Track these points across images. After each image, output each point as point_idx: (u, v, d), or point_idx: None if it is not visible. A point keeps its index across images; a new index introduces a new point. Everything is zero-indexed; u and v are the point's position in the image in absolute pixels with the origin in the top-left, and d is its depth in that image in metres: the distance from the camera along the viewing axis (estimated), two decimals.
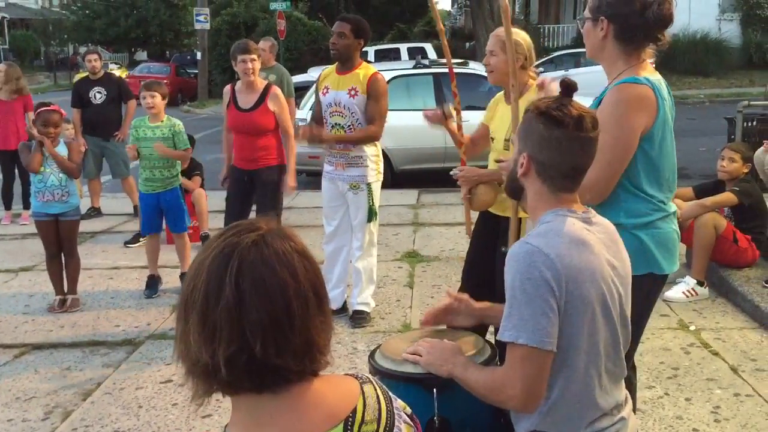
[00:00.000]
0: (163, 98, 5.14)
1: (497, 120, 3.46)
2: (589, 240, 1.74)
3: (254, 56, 4.83)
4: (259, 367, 1.05)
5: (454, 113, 3.48)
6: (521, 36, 3.39)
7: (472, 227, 3.60)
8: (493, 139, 3.46)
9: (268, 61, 7.09)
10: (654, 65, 2.46)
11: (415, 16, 38.53)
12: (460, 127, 3.50)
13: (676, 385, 3.69)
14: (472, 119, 9.05)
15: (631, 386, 2.64)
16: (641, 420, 3.32)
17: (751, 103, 6.00)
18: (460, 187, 3.46)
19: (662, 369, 3.88)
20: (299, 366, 1.09)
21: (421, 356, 1.90)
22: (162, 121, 5.15)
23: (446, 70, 10.13)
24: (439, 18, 3.67)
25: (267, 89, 4.92)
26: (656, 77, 2.34)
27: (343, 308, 4.76)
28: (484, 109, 10.17)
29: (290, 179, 4.97)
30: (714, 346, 4.15)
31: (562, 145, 1.74)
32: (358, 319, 4.60)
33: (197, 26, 23.33)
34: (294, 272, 1.08)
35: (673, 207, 2.44)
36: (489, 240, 3.45)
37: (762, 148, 5.55)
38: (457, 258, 5.94)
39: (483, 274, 3.44)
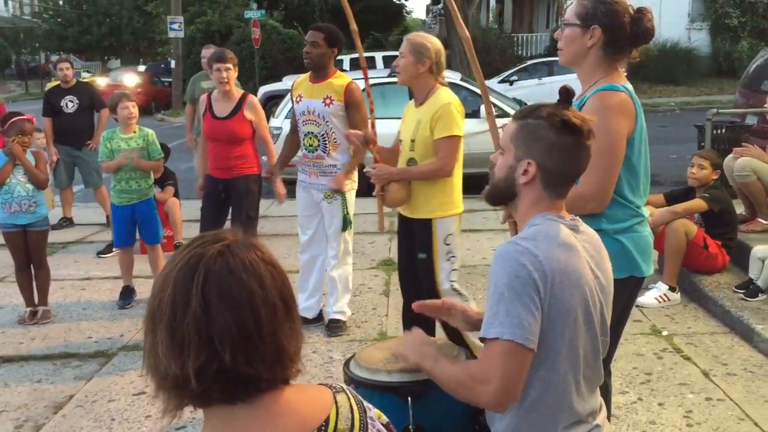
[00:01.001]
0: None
1: (405, 123, 3.64)
2: (576, 245, 1.75)
3: (229, 65, 4.81)
4: (230, 377, 1.05)
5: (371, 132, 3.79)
6: (430, 41, 3.54)
7: (385, 223, 3.99)
8: (401, 141, 3.62)
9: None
10: (625, 73, 2.51)
11: (390, 25, 38.72)
12: (373, 125, 3.86)
13: (649, 390, 3.73)
14: None
15: (607, 391, 2.67)
16: (615, 426, 3.34)
17: (720, 111, 6.11)
18: None
19: (635, 374, 3.91)
20: (270, 374, 1.08)
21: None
22: (135, 132, 5.11)
23: None
24: (352, 18, 3.78)
25: (243, 98, 4.90)
26: (630, 85, 2.40)
27: (319, 317, 4.74)
28: None
29: (279, 188, 4.95)
30: (686, 351, 4.20)
31: (572, 152, 1.76)
32: (334, 327, 4.59)
33: (171, 34, 23.18)
34: (261, 280, 1.08)
35: (646, 212, 2.49)
36: (406, 244, 3.68)
37: (731, 155, 5.66)
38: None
39: (410, 277, 3.67)
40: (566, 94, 1.80)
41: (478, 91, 9.95)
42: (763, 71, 9.33)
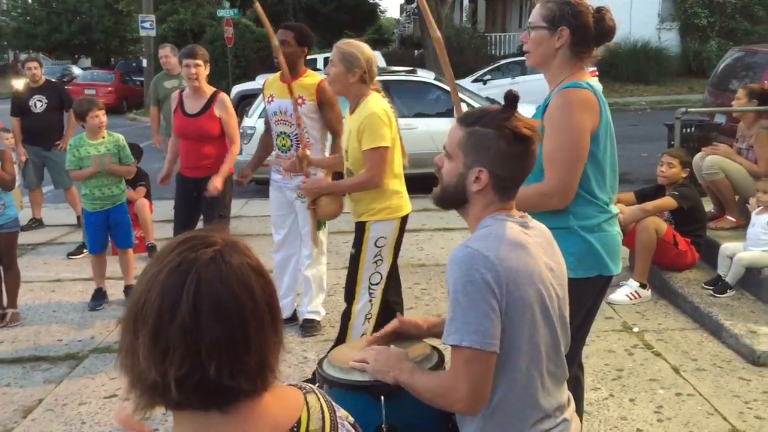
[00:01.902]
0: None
1: (345, 132, 3.60)
2: (527, 243, 1.77)
3: (199, 61, 4.77)
4: (211, 388, 1.04)
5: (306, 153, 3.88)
6: (360, 49, 3.48)
7: (319, 235, 4.08)
8: (346, 151, 3.57)
9: (174, 68, 6.94)
10: (597, 73, 2.56)
11: (364, 24, 38.71)
12: (305, 145, 3.93)
13: (621, 386, 3.78)
14: (421, 126, 9.22)
15: (580, 386, 2.69)
16: (587, 422, 3.37)
17: (689, 110, 6.20)
18: (412, 195, 3.69)
19: (607, 371, 3.96)
20: (251, 386, 1.08)
21: (368, 363, 1.91)
22: (104, 137, 5.03)
23: (396, 78, 10.21)
24: (266, 21, 3.82)
25: (214, 95, 4.87)
26: (595, 82, 2.43)
27: (293, 317, 4.73)
28: (432, 116, 10.25)
29: (218, 180, 4.73)
30: (656, 347, 4.26)
31: (523, 158, 1.78)
32: (309, 327, 4.58)
33: (142, 33, 22.93)
34: (251, 293, 1.07)
35: (615, 209, 2.52)
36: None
37: (700, 153, 5.74)
38: (407, 265, 5.96)
39: None
40: (512, 99, 1.80)
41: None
42: (731, 71, 9.50)
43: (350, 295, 3.60)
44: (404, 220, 3.60)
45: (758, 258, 4.72)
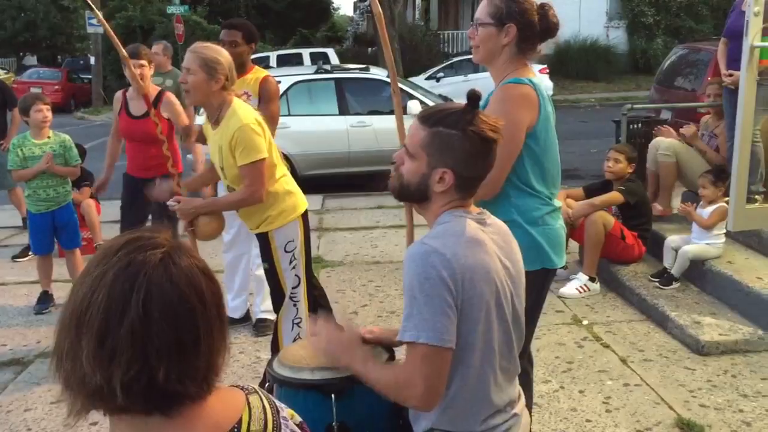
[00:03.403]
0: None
1: (210, 145, 3.35)
2: (484, 240, 1.79)
3: (144, 62, 4.68)
4: (157, 392, 1.02)
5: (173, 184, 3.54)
6: (221, 53, 3.22)
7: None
8: (221, 168, 3.36)
9: (163, 66, 6.85)
10: (548, 71, 2.61)
11: (317, 22, 38.54)
12: (178, 160, 3.61)
13: (571, 378, 3.84)
14: (375, 123, 9.21)
15: (528, 380, 2.73)
16: (538, 414, 3.43)
17: (634, 106, 6.32)
18: (365, 192, 3.55)
19: (557, 363, 4.02)
20: (197, 390, 1.06)
21: (320, 343, 1.91)
22: (49, 137, 4.90)
23: (349, 75, 10.19)
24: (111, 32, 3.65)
25: (159, 96, 4.78)
26: (537, 78, 2.47)
27: (246, 317, 4.69)
28: (386, 113, 10.22)
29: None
30: (605, 339, 4.34)
31: (486, 158, 1.80)
32: (262, 327, 4.55)
33: (90, 30, 22.48)
34: (201, 295, 1.06)
35: (557, 202, 2.56)
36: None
37: (659, 137, 5.82)
38: (361, 262, 5.97)
39: None
40: (474, 98, 1.81)
41: (405, 87, 10.01)
42: (676, 68, 9.75)
43: (278, 306, 3.51)
44: (305, 215, 3.49)
45: (702, 250, 4.85)
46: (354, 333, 1.94)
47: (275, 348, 3.54)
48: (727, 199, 4.63)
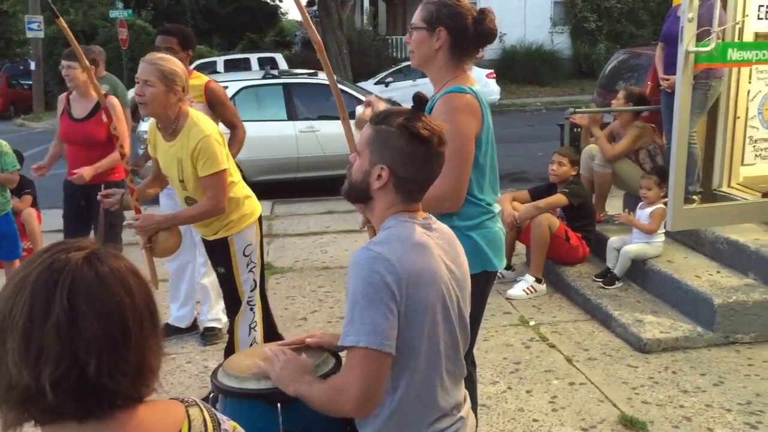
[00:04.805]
0: None
1: (162, 156, 3.31)
2: (429, 244, 1.80)
3: (73, 63, 4.57)
4: (89, 389, 1.00)
5: (131, 203, 3.43)
6: (178, 65, 3.17)
7: (157, 277, 3.53)
8: (167, 176, 3.35)
9: (98, 71, 6.70)
10: (495, 76, 2.64)
11: (266, 26, 38.27)
12: (133, 191, 3.43)
13: (518, 379, 3.90)
14: (323, 129, 9.19)
15: (472, 382, 2.76)
16: (486, 415, 3.47)
17: (576, 110, 6.46)
18: (316, 197, 3.56)
19: (505, 364, 4.08)
20: (130, 389, 1.05)
21: (273, 368, 1.89)
22: None
23: (298, 80, 10.13)
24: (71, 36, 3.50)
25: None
26: (477, 87, 2.50)
27: (193, 326, 4.63)
28: (335, 119, 10.22)
29: (86, 171, 4.48)
30: (551, 339, 4.42)
31: (424, 161, 1.79)
32: (209, 336, 4.49)
33: (29, 34, 21.86)
34: (129, 289, 1.05)
35: (497, 207, 2.60)
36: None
37: (592, 144, 5.95)
38: (311, 268, 5.95)
39: None
40: (420, 101, 1.84)
41: (353, 92, 10.05)
42: (617, 72, 9.99)
43: (233, 313, 3.50)
44: (260, 219, 3.52)
45: (643, 250, 4.98)
46: (306, 361, 1.92)
47: (231, 353, 3.51)
48: (666, 200, 4.76)
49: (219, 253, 3.41)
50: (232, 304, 3.48)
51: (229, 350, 3.55)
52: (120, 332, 1.02)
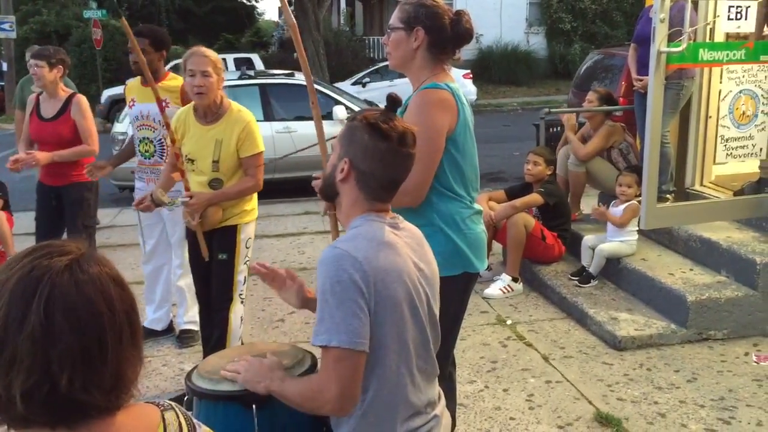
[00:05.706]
0: None
1: (195, 142, 3.47)
2: (396, 243, 1.81)
3: (41, 62, 4.51)
4: (61, 401, 0.98)
5: (163, 198, 3.64)
6: (216, 54, 3.50)
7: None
8: (192, 161, 3.48)
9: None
10: (472, 76, 2.65)
11: (242, 27, 38.08)
12: (183, 173, 3.53)
13: (495, 378, 3.92)
14: (300, 129, 9.16)
15: (452, 383, 2.77)
16: (464, 414, 3.48)
17: (551, 110, 6.51)
18: (293, 198, 3.65)
19: (482, 363, 4.09)
20: (105, 401, 1.03)
21: (239, 374, 1.89)
22: None
23: (274, 81, 10.08)
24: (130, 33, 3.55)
25: (70, 98, 4.62)
26: (455, 84, 2.50)
27: (169, 329, 4.59)
28: (311, 119, 10.18)
29: (42, 155, 4.40)
30: (528, 338, 4.45)
31: (385, 157, 1.80)
32: (186, 338, 4.46)
33: (1, 35, 21.49)
34: (110, 301, 1.03)
35: (478, 206, 2.60)
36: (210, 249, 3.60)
37: (568, 144, 6.00)
38: (288, 268, 5.91)
39: (205, 280, 3.65)
40: (392, 101, 1.86)
41: (331, 93, 10.02)
42: (592, 72, 10.07)
43: (227, 300, 3.54)
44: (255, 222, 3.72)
45: (617, 248, 5.03)
46: (272, 359, 1.92)
47: (222, 347, 3.47)
48: (639, 198, 4.81)
49: (226, 239, 3.51)
50: (225, 292, 3.54)
51: (222, 342, 3.53)
52: (96, 346, 1.00)
